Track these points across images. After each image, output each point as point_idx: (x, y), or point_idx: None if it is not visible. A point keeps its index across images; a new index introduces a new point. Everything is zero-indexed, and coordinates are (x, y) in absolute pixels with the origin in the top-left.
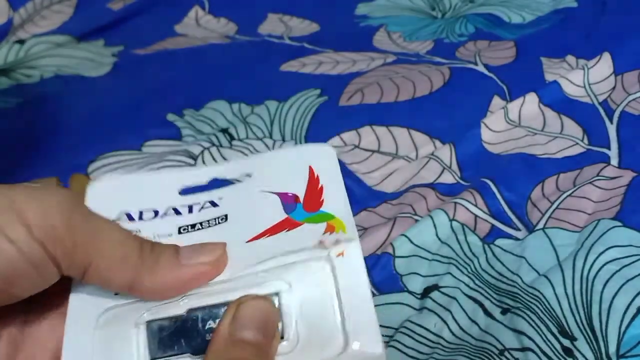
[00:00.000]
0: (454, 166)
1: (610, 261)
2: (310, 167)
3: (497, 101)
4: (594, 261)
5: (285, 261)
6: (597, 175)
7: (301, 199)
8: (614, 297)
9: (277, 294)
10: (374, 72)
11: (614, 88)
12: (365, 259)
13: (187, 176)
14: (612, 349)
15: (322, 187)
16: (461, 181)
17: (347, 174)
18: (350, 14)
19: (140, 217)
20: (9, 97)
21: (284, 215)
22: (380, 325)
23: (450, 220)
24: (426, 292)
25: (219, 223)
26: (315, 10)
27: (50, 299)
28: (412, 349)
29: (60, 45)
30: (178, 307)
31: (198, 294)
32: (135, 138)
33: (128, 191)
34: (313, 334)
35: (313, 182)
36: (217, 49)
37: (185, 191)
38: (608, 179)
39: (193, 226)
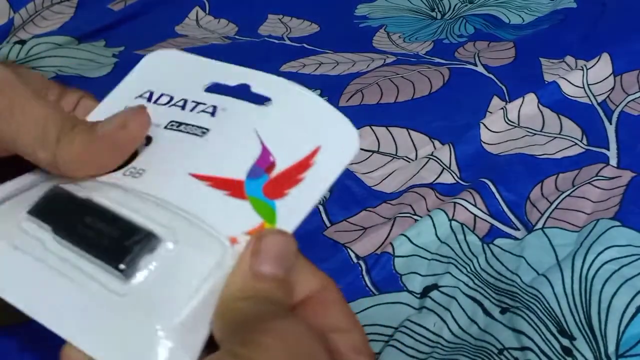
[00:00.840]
0: (454, 166)
1: (609, 261)
2: (317, 148)
3: (496, 102)
4: (593, 261)
5: (189, 223)
6: (596, 175)
7: (274, 172)
8: (613, 297)
9: (156, 238)
10: (374, 72)
11: (612, 88)
12: (365, 258)
13: (222, 73)
14: (611, 348)
15: (301, 179)
16: (460, 181)
17: (347, 174)
18: (350, 15)
19: (156, 101)
20: None
21: (242, 176)
22: (380, 325)
23: (450, 220)
24: (425, 292)
25: (195, 134)
26: (315, 11)
27: None
28: (412, 348)
29: (60, 46)
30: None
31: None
32: None
33: (172, 70)
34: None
35: (301, 165)
36: (218, 50)
37: (211, 88)
38: (607, 179)
39: (178, 125)
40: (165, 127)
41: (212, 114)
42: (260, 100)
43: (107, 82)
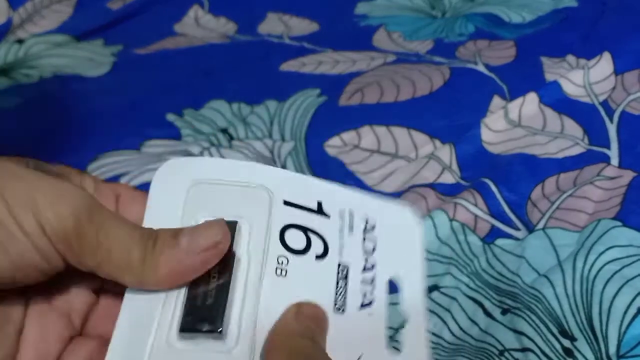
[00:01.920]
0: (454, 166)
1: (611, 261)
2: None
3: (497, 101)
4: (595, 261)
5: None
6: (598, 175)
7: None
8: (614, 297)
9: None
10: (374, 71)
11: (614, 88)
12: None
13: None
14: (613, 349)
15: None
16: (461, 181)
17: (347, 174)
18: (349, 14)
19: (366, 237)
20: (9, 97)
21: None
22: None
23: (450, 220)
24: (426, 293)
25: (335, 304)
26: (315, 10)
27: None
28: None
29: (59, 45)
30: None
31: None
32: (135, 138)
33: (400, 233)
34: None
35: None
36: (217, 49)
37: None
38: (608, 179)
39: (343, 277)
40: (338, 264)
41: (363, 306)
42: None
43: (106, 81)
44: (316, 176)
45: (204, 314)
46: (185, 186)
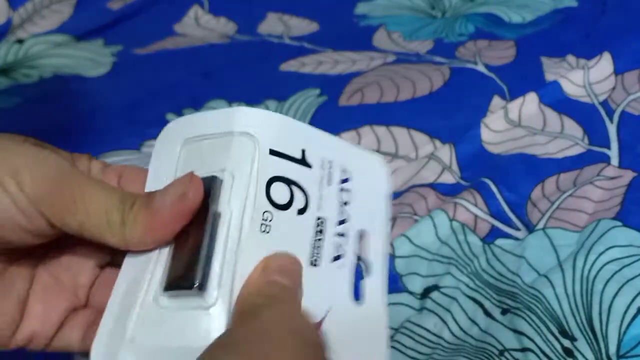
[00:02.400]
0: (454, 166)
1: (611, 261)
2: None
3: (497, 101)
4: (595, 261)
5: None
6: (598, 175)
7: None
8: (614, 297)
9: None
10: (374, 71)
11: (614, 88)
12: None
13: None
14: (613, 349)
15: None
16: (461, 181)
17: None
18: (349, 14)
19: (342, 188)
20: (8, 97)
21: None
22: None
23: (450, 220)
24: (426, 293)
25: (310, 256)
26: (315, 10)
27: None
28: (412, 349)
29: (59, 45)
30: None
31: None
32: (135, 138)
33: (375, 187)
34: None
35: None
36: (217, 49)
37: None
38: (608, 179)
39: (319, 231)
40: (317, 218)
41: (335, 258)
42: None
43: (106, 81)
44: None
45: (184, 271)
46: (177, 148)
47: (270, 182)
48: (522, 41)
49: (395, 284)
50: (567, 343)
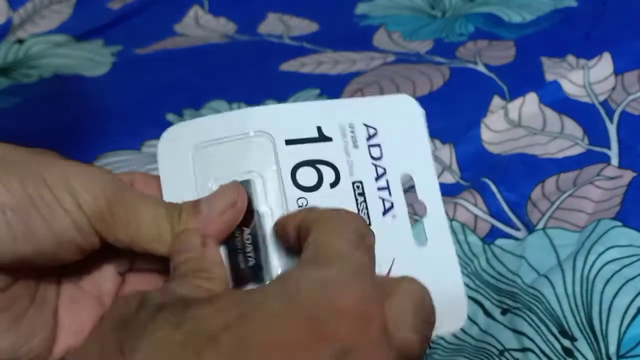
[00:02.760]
0: (454, 166)
1: (611, 261)
2: None
3: (497, 101)
4: (595, 261)
5: None
6: (598, 175)
7: None
8: (614, 297)
9: None
10: (374, 71)
11: (614, 88)
12: None
13: (422, 176)
14: (613, 349)
15: None
16: (461, 181)
17: None
18: (349, 14)
19: (371, 145)
20: (8, 97)
21: None
22: None
23: (450, 220)
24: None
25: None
26: (315, 10)
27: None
28: None
29: (59, 45)
30: None
31: None
32: (135, 138)
33: (403, 130)
34: None
35: None
36: (217, 49)
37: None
38: (608, 179)
39: (360, 194)
40: (353, 183)
41: (385, 212)
42: None
43: (106, 81)
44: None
45: (249, 275)
46: (189, 153)
47: (295, 170)
48: (522, 41)
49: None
50: (567, 343)
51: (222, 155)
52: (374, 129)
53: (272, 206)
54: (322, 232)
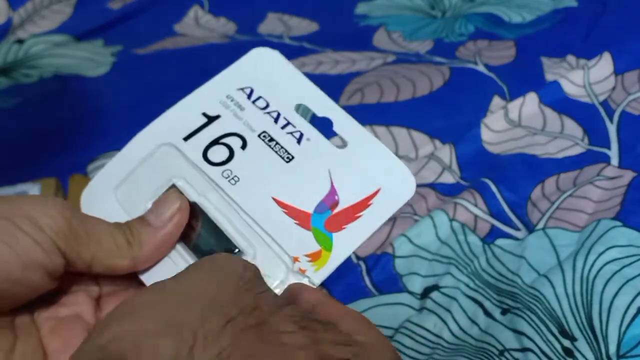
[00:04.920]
0: (454, 166)
1: (611, 261)
2: (377, 190)
3: (497, 101)
4: (594, 261)
5: (266, 244)
6: (598, 175)
7: (337, 209)
8: (614, 297)
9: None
10: (374, 71)
11: (614, 88)
12: (365, 258)
13: (314, 99)
14: (613, 349)
15: (358, 217)
16: (461, 181)
17: None
18: (349, 14)
19: (254, 101)
20: (8, 97)
21: (310, 210)
22: (380, 326)
23: (450, 220)
24: (426, 293)
25: (282, 157)
26: (315, 10)
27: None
28: (412, 349)
29: (59, 45)
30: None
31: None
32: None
33: (272, 74)
34: None
35: (361, 205)
36: (217, 49)
37: (298, 108)
38: (608, 179)
39: (270, 139)
40: (259, 136)
41: (299, 141)
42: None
43: (106, 81)
44: None
45: (217, 249)
46: (111, 199)
47: (205, 154)
48: (522, 41)
49: (395, 284)
50: (567, 343)
51: (139, 180)
52: (249, 87)
53: (205, 193)
54: None
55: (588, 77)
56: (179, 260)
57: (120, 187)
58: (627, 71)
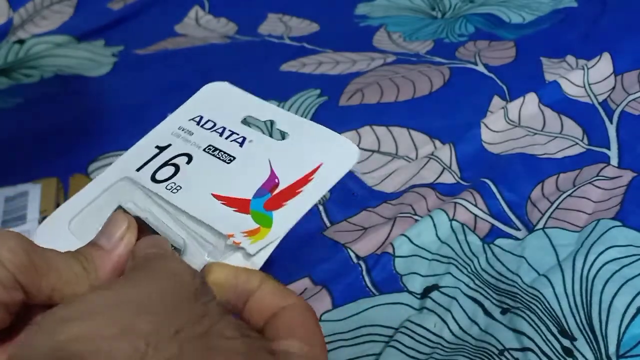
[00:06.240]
0: (454, 166)
1: (610, 261)
2: (318, 165)
3: (497, 101)
4: (594, 261)
5: (204, 235)
6: (597, 175)
7: (277, 190)
8: (613, 297)
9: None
10: (374, 72)
11: (613, 88)
12: (365, 258)
13: (257, 108)
14: (612, 349)
15: (299, 192)
16: (461, 181)
17: (348, 174)
18: (350, 14)
19: (202, 125)
20: (9, 97)
21: (249, 196)
22: (380, 325)
23: (450, 220)
24: (426, 292)
25: (224, 160)
26: (315, 10)
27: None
28: (412, 349)
29: (60, 45)
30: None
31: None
32: (135, 138)
33: (220, 100)
34: None
35: (302, 181)
36: (217, 49)
37: (247, 120)
38: (608, 179)
39: (214, 150)
40: (204, 150)
41: (241, 144)
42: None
43: (107, 81)
44: None
45: None
46: (64, 232)
47: (154, 177)
48: (522, 41)
49: (395, 283)
50: (566, 343)
51: (91, 211)
52: (199, 116)
53: (148, 208)
54: None
55: (587, 78)
56: None
57: (74, 219)
58: (627, 71)
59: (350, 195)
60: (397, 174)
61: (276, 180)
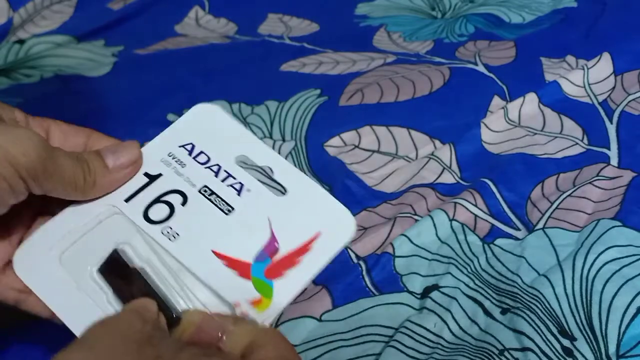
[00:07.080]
0: (454, 166)
1: (610, 261)
2: (316, 234)
3: (497, 101)
4: (594, 261)
5: (207, 299)
6: (597, 175)
7: (276, 256)
8: (613, 297)
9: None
10: (374, 72)
11: (613, 88)
12: (366, 258)
13: (254, 149)
14: (612, 349)
15: (298, 262)
16: (461, 181)
17: (347, 174)
18: (350, 14)
19: (195, 157)
20: (9, 97)
21: (250, 259)
22: (380, 325)
23: (450, 220)
24: (426, 292)
25: (222, 210)
26: (315, 10)
27: None
28: (412, 349)
29: (60, 45)
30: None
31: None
32: (136, 138)
33: (213, 129)
34: None
35: (301, 250)
36: (217, 49)
37: (240, 161)
38: (608, 179)
39: (210, 193)
40: (199, 191)
41: (239, 192)
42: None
43: (107, 81)
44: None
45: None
46: (47, 260)
47: (146, 213)
48: (522, 41)
49: (395, 283)
50: (566, 343)
51: (86, 246)
52: (190, 144)
53: (147, 259)
54: None
55: (587, 78)
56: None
57: (67, 251)
58: (627, 71)
59: (350, 194)
60: (397, 174)
61: (276, 245)
